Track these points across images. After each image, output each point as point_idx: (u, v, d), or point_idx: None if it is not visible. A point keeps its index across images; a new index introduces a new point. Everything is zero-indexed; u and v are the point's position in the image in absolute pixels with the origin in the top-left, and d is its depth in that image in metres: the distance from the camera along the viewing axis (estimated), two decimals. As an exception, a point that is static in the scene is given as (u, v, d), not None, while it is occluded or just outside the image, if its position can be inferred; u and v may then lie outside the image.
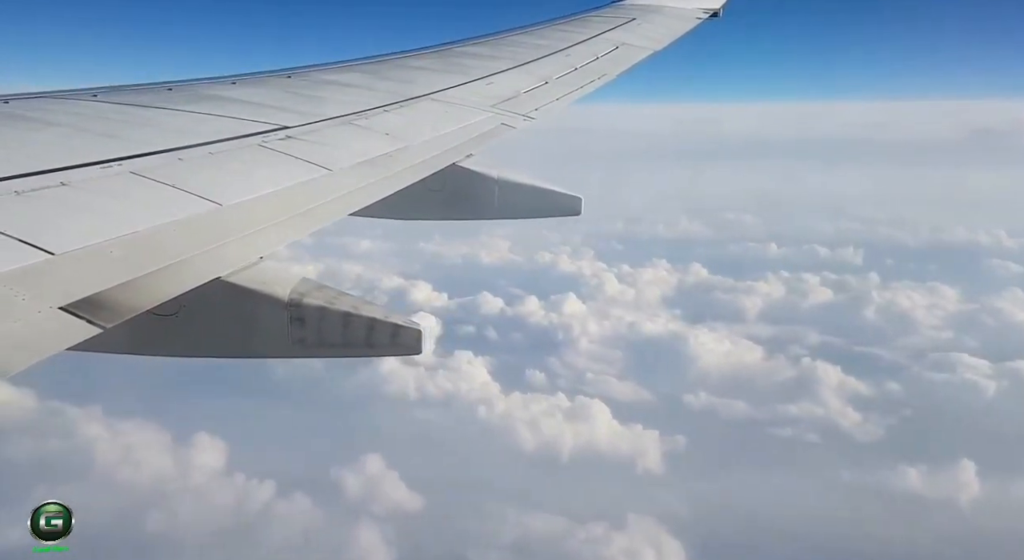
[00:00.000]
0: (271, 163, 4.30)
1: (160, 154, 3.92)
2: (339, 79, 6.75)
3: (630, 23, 10.80)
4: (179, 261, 2.98)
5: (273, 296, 3.42)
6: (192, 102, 5.20)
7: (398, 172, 4.78)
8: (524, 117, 6.74)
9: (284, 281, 3.50)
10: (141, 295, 2.70)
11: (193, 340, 3.52)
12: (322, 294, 3.56)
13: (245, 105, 5.32)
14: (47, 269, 2.58)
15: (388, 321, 3.59)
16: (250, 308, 3.39)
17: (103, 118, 4.50)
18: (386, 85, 6.72)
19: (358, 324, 3.54)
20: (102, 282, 2.61)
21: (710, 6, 11.86)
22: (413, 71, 7.54)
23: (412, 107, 6.21)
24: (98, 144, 3.89)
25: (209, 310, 3.35)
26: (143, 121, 4.62)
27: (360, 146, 5.00)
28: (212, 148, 4.24)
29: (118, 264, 2.77)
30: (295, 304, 3.46)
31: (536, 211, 6.37)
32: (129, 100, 5.00)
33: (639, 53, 9.57)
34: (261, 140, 4.58)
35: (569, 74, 8.28)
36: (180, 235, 3.17)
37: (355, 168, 4.59)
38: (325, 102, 5.81)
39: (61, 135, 4.01)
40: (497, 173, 6.08)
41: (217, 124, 4.74)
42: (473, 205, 6.07)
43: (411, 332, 3.60)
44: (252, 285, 3.35)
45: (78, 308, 2.44)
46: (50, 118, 4.26)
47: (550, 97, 7.45)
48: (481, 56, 8.48)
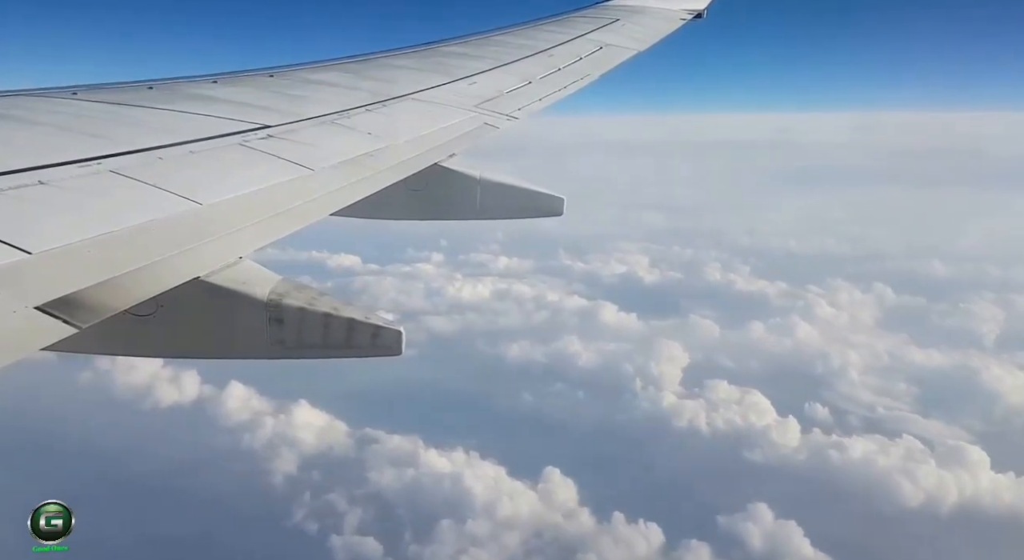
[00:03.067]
0: (252, 162, 4.28)
1: (140, 153, 3.89)
2: (321, 78, 6.74)
3: (614, 24, 10.83)
4: (157, 261, 2.97)
5: (252, 296, 3.41)
6: (173, 101, 5.17)
7: (380, 172, 4.77)
8: (507, 117, 6.74)
9: (263, 281, 3.49)
10: (118, 295, 2.69)
11: (170, 340, 3.51)
12: (302, 295, 3.55)
13: (226, 104, 5.30)
14: (24, 268, 2.56)
15: (368, 322, 3.58)
16: (228, 308, 3.38)
17: (82, 116, 4.46)
18: (368, 85, 6.71)
19: (338, 325, 3.53)
20: (79, 282, 2.59)
21: (694, 7, 11.91)
22: (395, 71, 7.53)
23: (394, 107, 6.21)
24: (77, 143, 3.86)
25: (187, 310, 3.34)
26: (123, 120, 4.59)
27: (342, 146, 4.99)
28: (193, 147, 4.22)
29: (95, 263, 2.75)
30: (274, 305, 3.45)
31: (518, 211, 6.38)
32: (109, 98, 4.96)
33: (623, 54, 9.60)
34: (242, 139, 4.56)
35: (552, 74, 8.30)
36: (159, 235, 3.15)
37: (337, 168, 4.58)
38: (307, 101, 5.79)
39: (40, 133, 3.98)
40: (479, 173, 6.09)
41: (198, 123, 4.72)
42: (455, 205, 6.08)
43: (391, 333, 3.60)
44: (231, 285, 3.34)
45: (54, 308, 2.43)
46: (29, 116, 4.22)
47: (533, 97, 7.46)
48: (464, 56, 8.49)
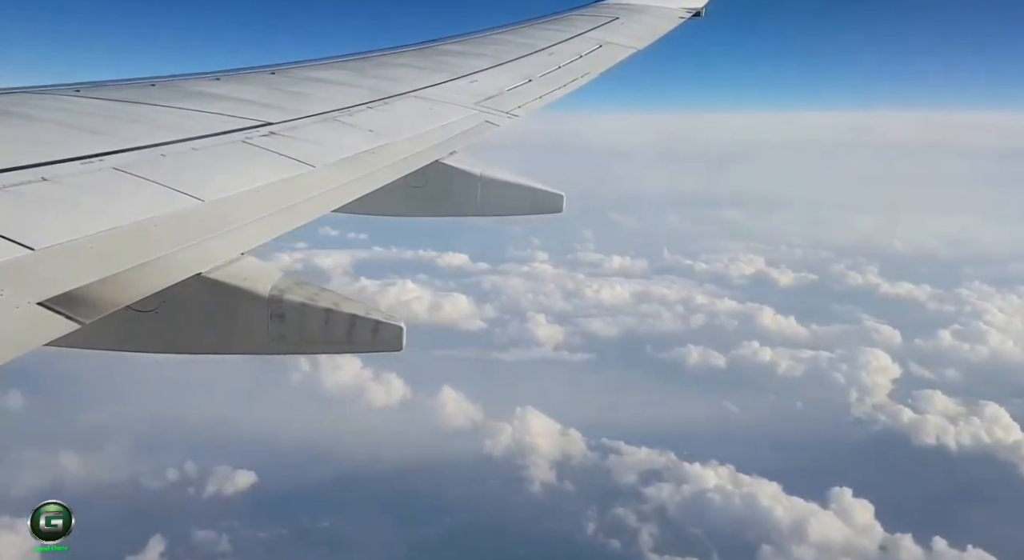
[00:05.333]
0: (254, 159, 4.30)
1: (143, 150, 3.92)
2: (323, 76, 6.76)
3: (613, 22, 10.84)
4: (159, 257, 2.99)
5: (253, 292, 3.42)
6: (176, 98, 5.20)
7: (381, 169, 4.79)
8: (507, 115, 6.76)
9: (265, 277, 3.51)
10: (120, 291, 2.71)
11: (172, 336, 3.52)
12: (303, 290, 3.57)
13: (229, 101, 5.32)
14: (27, 264, 2.58)
15: (369, 317, 3.59)
16: (230, 304, 3.39)
17: (86, 114, 4.49)
18: (370, 82, 6.73)
19: (339, 320, 3.54)
20: (82, 277, 2.61)
21: (693, 5, 11.92)
22: (397, 69, 7.55)
23: (395, 104, 6.23)
24: (80, 140, 3.88)
25: (188, 306, 3.36)
26: (126, 117, 4.61)
27: (343, 143, 5.01)
28: (195, 144, 4.24)
29: (98, 260, 2.77)
30: (275, 300, 3.47)
31: (518, 208, 6.39)
32: (112, 96, 4.99)
33: (622, 52, 9.61)
34: (244, 136, 4.58)
35: (553, 72, 8.31)
36: (161, 231, 3.17)
37: (338, 165, 4.60)
38: (309, 99, 5.81)
39: (43, 131, 4.00)
40: (480, 170, 6.10)
41: (200, 120, 4.74)
42: (455, 202, 6.09)
43: (391, 328, 3.61)
44: (232, 281, 3.36)
45: (57, 304, 2.45)
46: (32, 113, 4.25)
47: (533, 95, 7.47)
48: (465, 54, 8.50)
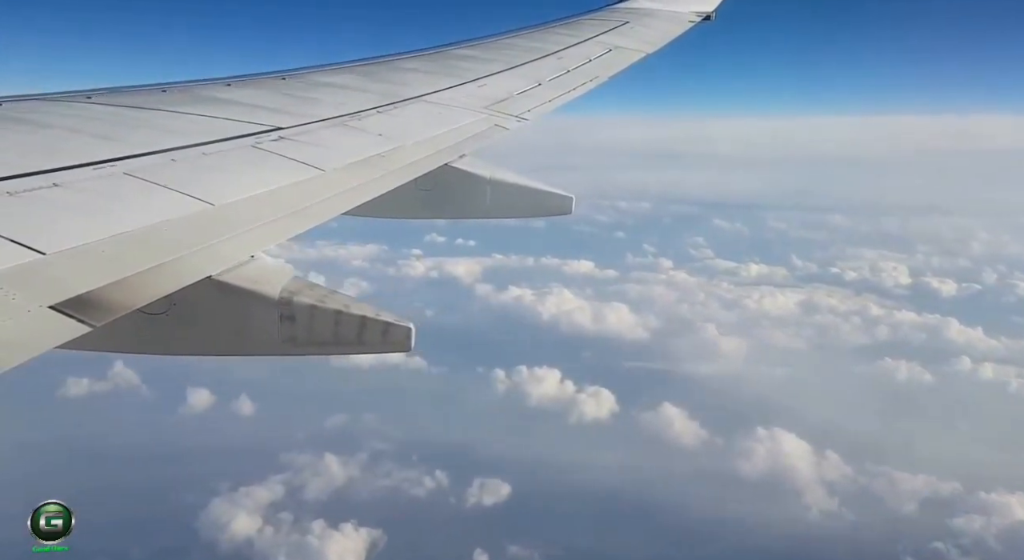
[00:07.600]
0: (264, 163, 4.32)
1: (153, 155, 3.94)
2: (332, 81, 6.78)
3: (623, 26, 10.83)
4: (170, 260, 3.00)
5: (263, 294, 3.44)
6: (186, 103, 5.22)
7: (391, 172, 4.80)
8: (517, 118, 6.76)
9: (274, 280, 3.52)
10: (131, 294, 2.72)
11: (183, 339, 3.54)
12: (313, 292, 3.58)
13: (239, 106, 5.35)
14: (38, 268, 2.59)
15: (379, 319, 3.61)
16: (240, 306, 3.41)
17: (97, 120, 4.51)
18: (379, 87, 6.74)
19: (349, 322, 3.56)
20: (92, 281, 2.62)
21: (703, 9, 11.90)
22: (406, 73, 7.56)
23: (405, 108, 6.24)
24: (91, 145, 3.90)
25: (199, 308, 3.37)
26: (137, 122, 4.64)
27: (353, 147, 5.02)
28: (206, 149, 4.26)
29: (109, 263, 2.78)
30: (285, 302, 3.48)
31: (528, 210, 6.40)
32: (123, 102, 5.02)
33: (632, 56, 9.60)
34: (255, 141, 4.60)
35: (562, 76, 8.30)
36: (172, 234, 3.19)
37: (348, 168, 4.61)
38: (318, 103, 5.83)
39: (54, 137, 4.02)
40: (489, 173, 6.11)
41: (211, 125, 4.76)
42: (465, 204, 6.10)
43: (401, 330, 3.62)
44: (242, 284, 3.37)
45: (68, 307, 2.46)
46: (43, 120, 4.27)
47: (543, 99, 7.47)
48: (474, 58, 8.51)
